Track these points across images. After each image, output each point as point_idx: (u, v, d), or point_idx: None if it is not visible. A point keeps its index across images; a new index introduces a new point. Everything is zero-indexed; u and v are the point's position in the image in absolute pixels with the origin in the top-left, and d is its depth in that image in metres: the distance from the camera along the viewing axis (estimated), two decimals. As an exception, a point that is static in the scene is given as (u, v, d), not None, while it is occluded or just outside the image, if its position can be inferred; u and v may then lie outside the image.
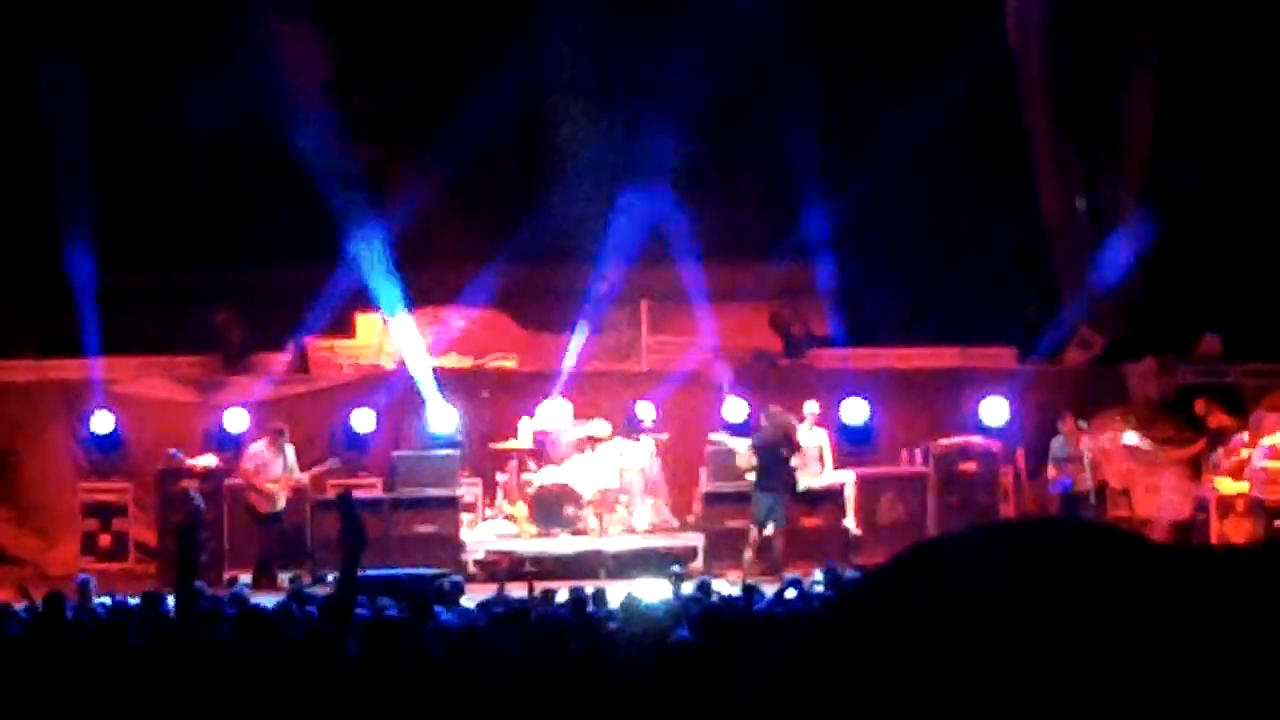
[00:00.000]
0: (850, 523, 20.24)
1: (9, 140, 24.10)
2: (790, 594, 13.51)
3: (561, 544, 20.01)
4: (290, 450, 20.11)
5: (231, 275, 24.46)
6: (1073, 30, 23.83)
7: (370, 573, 16.49)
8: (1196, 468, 20.48)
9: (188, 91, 24.02)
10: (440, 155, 24.04)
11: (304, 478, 20.09)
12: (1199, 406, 20.71)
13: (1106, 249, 23.17)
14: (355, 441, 21.37)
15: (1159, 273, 23.14)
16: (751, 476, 19.55)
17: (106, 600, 13.01)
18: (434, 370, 22.48)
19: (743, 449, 19.80)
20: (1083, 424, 20.12)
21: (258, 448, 20.06)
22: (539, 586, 14.39)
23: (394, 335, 23.09)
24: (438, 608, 12.07)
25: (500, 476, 20.85)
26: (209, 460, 20.43)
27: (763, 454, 19.47)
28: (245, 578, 18.85)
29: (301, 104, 23.93)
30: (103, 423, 21.28)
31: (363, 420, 21.36)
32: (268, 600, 13.13)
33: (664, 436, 21.01)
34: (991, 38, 23.86)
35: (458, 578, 16.35)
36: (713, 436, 20.63)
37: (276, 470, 19.90)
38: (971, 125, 23.80)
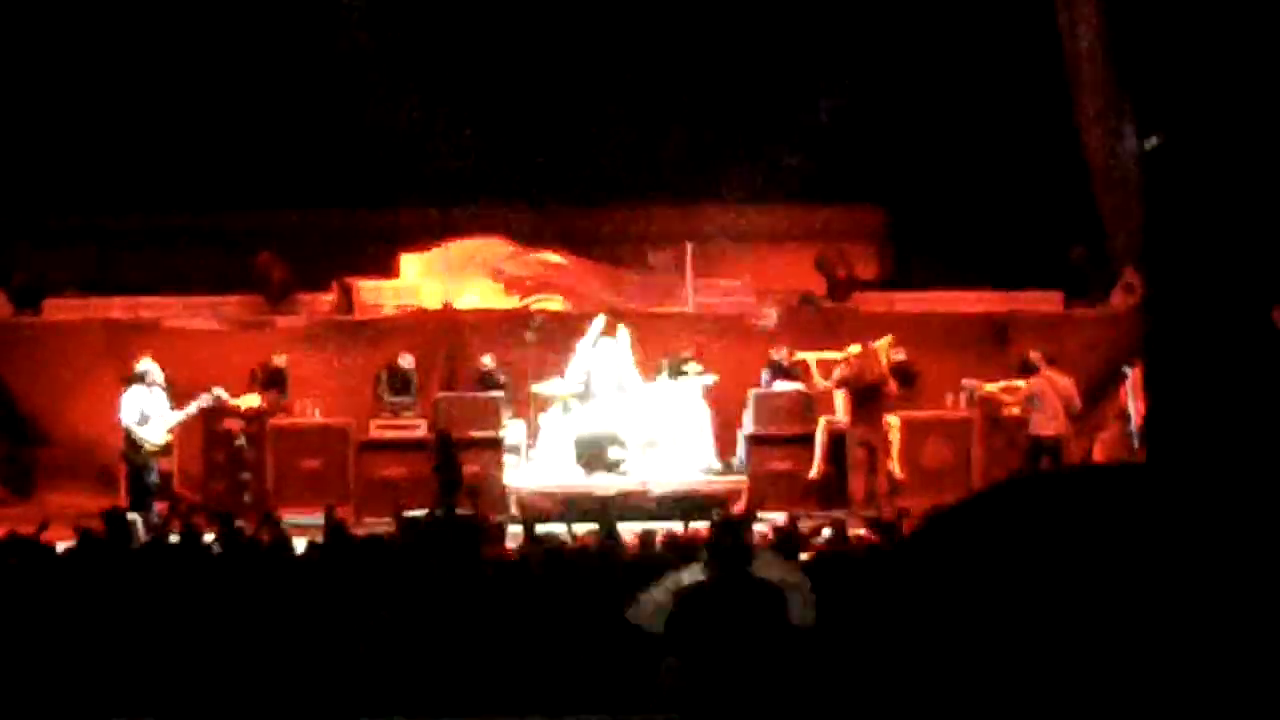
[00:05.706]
0: (894, 466, 20.19)
1: (61, 73, 24.09)
2: (827, 532, 13.66)
3: (605, 487, 19.96)
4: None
5: (274, 215, 24.46)
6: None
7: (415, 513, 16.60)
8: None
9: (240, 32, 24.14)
10: (490, 93, 24.07)
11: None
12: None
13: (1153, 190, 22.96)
14: (399, 382, 21.27)
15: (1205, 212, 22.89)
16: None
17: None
18: (479, 310, 22.50)
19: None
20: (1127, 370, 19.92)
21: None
22: (581, 528, 14.37)
23: (438, 275, 23.09)
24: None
25: (543, 418, 20.78)
26: (253, 400, 20.41)
27: None
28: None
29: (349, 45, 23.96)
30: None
31: (407, 361, 21.26)
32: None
33: (712, 380, 20.84)
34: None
35: (500, 519, 16.37)
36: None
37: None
38: (1016, 64, 23.59)
